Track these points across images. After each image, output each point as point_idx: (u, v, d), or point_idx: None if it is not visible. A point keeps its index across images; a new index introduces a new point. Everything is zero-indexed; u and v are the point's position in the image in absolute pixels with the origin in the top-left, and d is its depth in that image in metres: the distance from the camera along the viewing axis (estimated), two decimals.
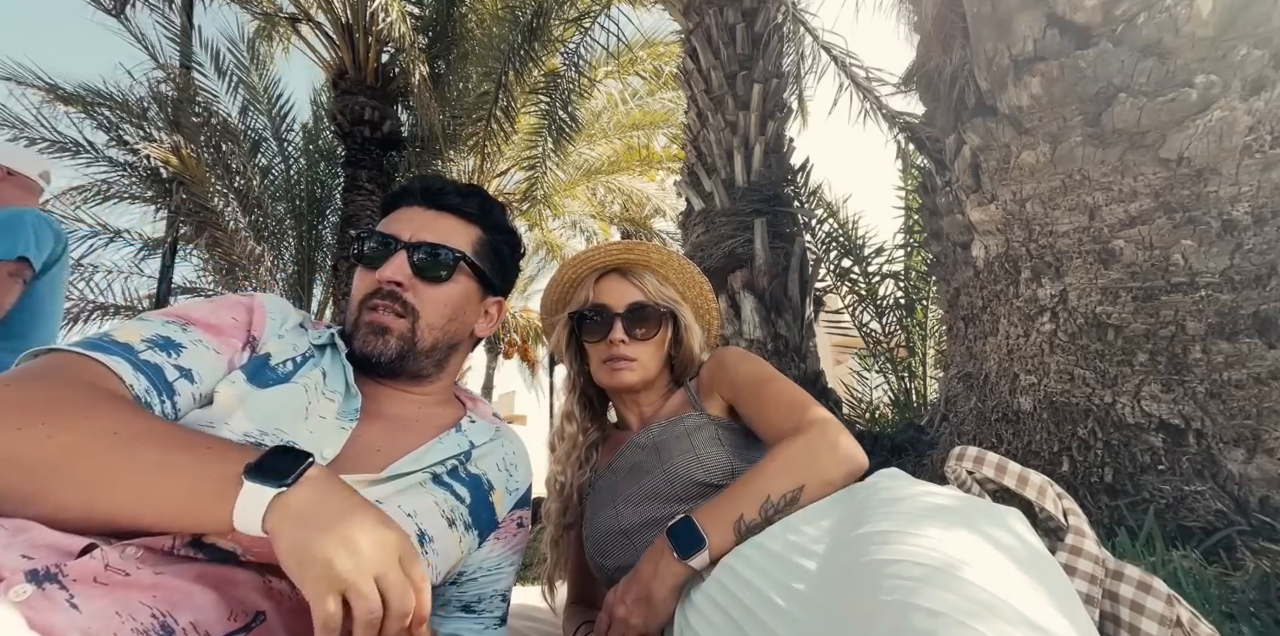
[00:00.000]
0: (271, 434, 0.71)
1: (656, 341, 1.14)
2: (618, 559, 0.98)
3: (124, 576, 0.56)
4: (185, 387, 0.70)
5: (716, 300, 1.28)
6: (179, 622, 0.57)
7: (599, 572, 1.05)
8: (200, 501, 0.57)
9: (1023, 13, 2.31)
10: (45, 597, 0.52)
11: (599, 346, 1.13)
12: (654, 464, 1.02)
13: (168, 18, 6.52)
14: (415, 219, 0.91)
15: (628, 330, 1.11)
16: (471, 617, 0.90)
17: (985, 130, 2.43)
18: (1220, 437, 1.76)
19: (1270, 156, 1.83)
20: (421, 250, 0.88)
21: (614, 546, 1.00)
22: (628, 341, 1.10)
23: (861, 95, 5.90)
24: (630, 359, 1.10)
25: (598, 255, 1.17)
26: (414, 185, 0.95)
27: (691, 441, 1.01)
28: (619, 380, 1.11)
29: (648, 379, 1.13)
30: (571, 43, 6.98)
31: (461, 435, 0.89)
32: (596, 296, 1.14)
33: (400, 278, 0.86)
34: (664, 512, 0.95)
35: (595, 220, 12.58)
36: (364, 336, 0.86)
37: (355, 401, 0.82)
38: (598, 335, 1.12)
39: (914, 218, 4.61)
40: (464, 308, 0.93)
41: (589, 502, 1.10)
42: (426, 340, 0.89)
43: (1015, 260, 2.36)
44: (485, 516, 0.88)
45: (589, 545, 1.05)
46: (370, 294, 0.87)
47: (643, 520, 0.98)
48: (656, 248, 1.18)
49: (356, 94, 7.15)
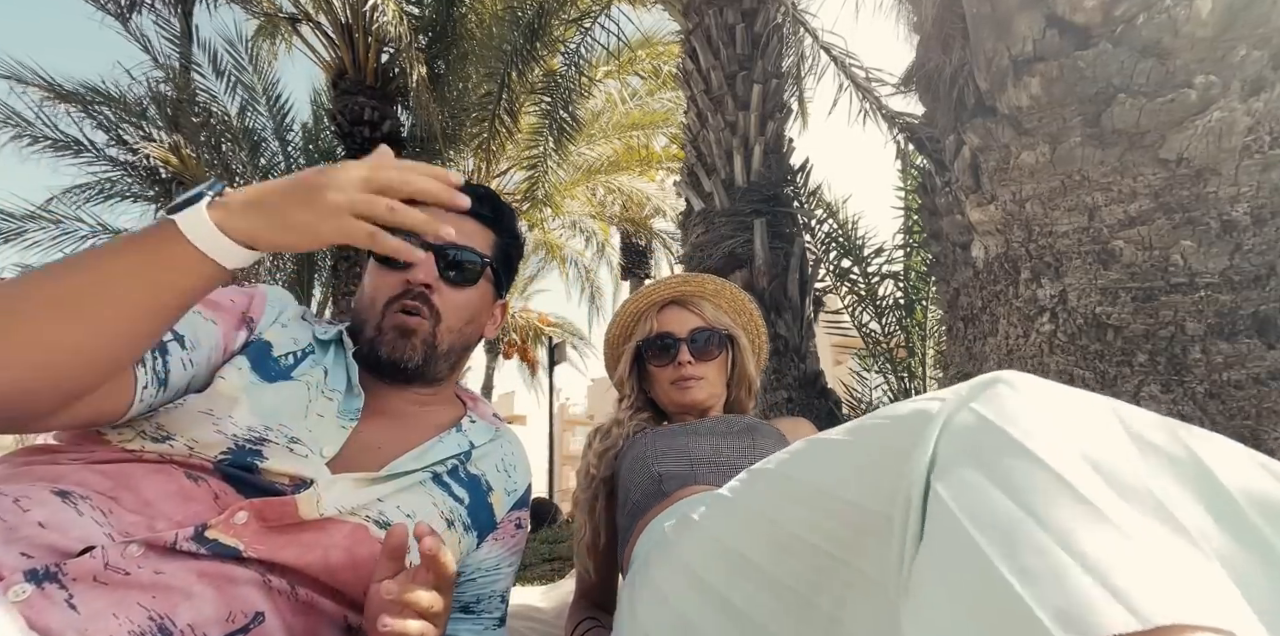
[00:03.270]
0: (275, 429, 0.71)
1: (720, 361, 1.24)
2: (668, 471, 1.03)
3: (123, 575, 0.56)
4: (176, 350, 0.69)
5: (766, 326, 1.38)
6: (177, 624, 0.57)
7: (636, 481, 1.07)
8: (159, 255, 0.56)
9: (1022, 13, 2.31)
10: (44, 597, 0.52)
11: (667, 370, 1.22)
12: (744, 436, 1.12)
13: (167, 18, 6.52)
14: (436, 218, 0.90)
15: (693, 352, 1.20)
16: (470, 618, 0.90)
17: (985, 130, 2.43)
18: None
19: (1270, 157, 1.83)
20: (450, 253, 0.87)
21: (673, 463, 1.05)
22: (694, 362, 1.20)
23: (861, 95, 5.90)
24: (699, 377, 1.20)
25: (659, 289, 1.28)
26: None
27: (781, 445, 1.10)
28: (690, 397, 1.20)
29: (714, 394, 1.23)
30: (572, 42, 6.97)
31: (462, 435, 0.89)
32: (660, 326, 1.24)
33: (430, 280, 0.85)
34: (736, 465, 1.02)
35: (595, 220, 12.58)
36: (391, 341, 0.84)
37: (357, 401, 0.81)
38: (665, 359, 1.22)
39: (914, 218, 4.61)
40: (481, 311, 0.93)
41: (642, 435, 1.16)
42: (445, 343, 0.88)
43: (1015, 260, 2.36)
44: (484, 517, 0.88)
45: (645, 454, 1.08)
46: (399, 295, 0.85)
47: (713, 459, 1.05)
48: (711, 279, 1.29)
49: (356, 94, 7.15)
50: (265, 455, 0.69)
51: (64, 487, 0.60)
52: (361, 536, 0.71)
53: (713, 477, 1.00)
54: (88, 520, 0.59)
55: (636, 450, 1.12)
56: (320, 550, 0.68)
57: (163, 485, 0.64)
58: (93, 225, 6.81)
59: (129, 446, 0.66)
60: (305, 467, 0.70)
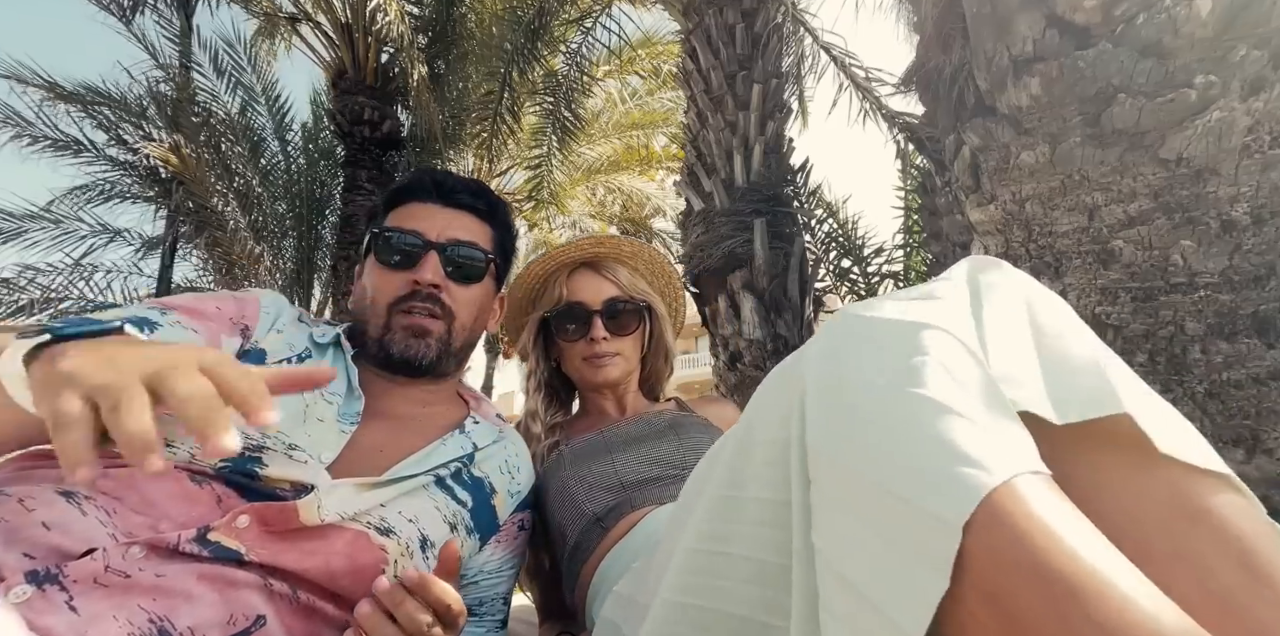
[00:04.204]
0: (273, 437, 0.71)
1: (635, 335, 1.14)
2: (603, 506, 0.96)
3: (124, 578, 0.56)
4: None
5: (683, 286, 1.29)
6: (177, 627, 0.57)
7: (569, 521, 0.98)
8: None
9: (1022, 13, 2.31)
10: (45, 599, 0.52)
11: (578, 344, 1.11)
12: (669, 436, 1.04)
13: (167, 18, 6.51)
14: (435, 216, 0.88)
15: (608, 327, 1.10)
16: (473, 621, 0.89)
17: (985, 130, 2.43)
18: (1219, 438, 1.76)
19: (1270, 157, 1.83)
20: (453, 251, 0.86)
21: (605, 495, 0.97)
22: (609, 338, 1.10)
23: (861, 95, 5.90)
24: (614, 353, 1.10)
25: (567, 250, 1.15)
26: (423, 179, 0.91)
27: (711, 436, 1.05)
28: (604, 376, 1.10)
29: (629, 371, 1.14)
30: (573, 42, 6.97)
31: (465, 437, 0.88)
32: (571, 294, 1.12)
33: (439, 280, 0.85)
34: (669, 475, 0.97)
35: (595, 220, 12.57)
36: (404, 340, 0.84)
37: (357, 403, 0.81)
38: (577, 333, 1.11)
39: (914, 218, 4.61)
40: (487, 306, 0.94)
41: (560, 457, 1.06)
42: (459, 340, 0.89)
43: (1015, 260, 2.36)
44: (486, 520, 0.87)
45: (570, 489, 1.00)
46: (405, 296, 0.85)
47: (645, 477, 0.98)
48: (627, 240, 1.17)
49: (356, 94, 7.14)
50: (265, 462, 0.69)
51: (68, 488, 0.60)
52: (363, 543, 0.71)
53: (647, 497, 0.94)
54: (92, 520, 0.59)
55: (558, 482, 1.01)
56: (321, 556, 0.68)
57: (166, 487, 0.64)
58: (93, 225, 6.81)
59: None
60: (305, 473, 0.70)
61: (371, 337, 0.85)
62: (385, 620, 0.57)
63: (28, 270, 6.40)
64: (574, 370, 1.14)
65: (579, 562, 0.95)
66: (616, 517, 0.93)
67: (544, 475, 1.04)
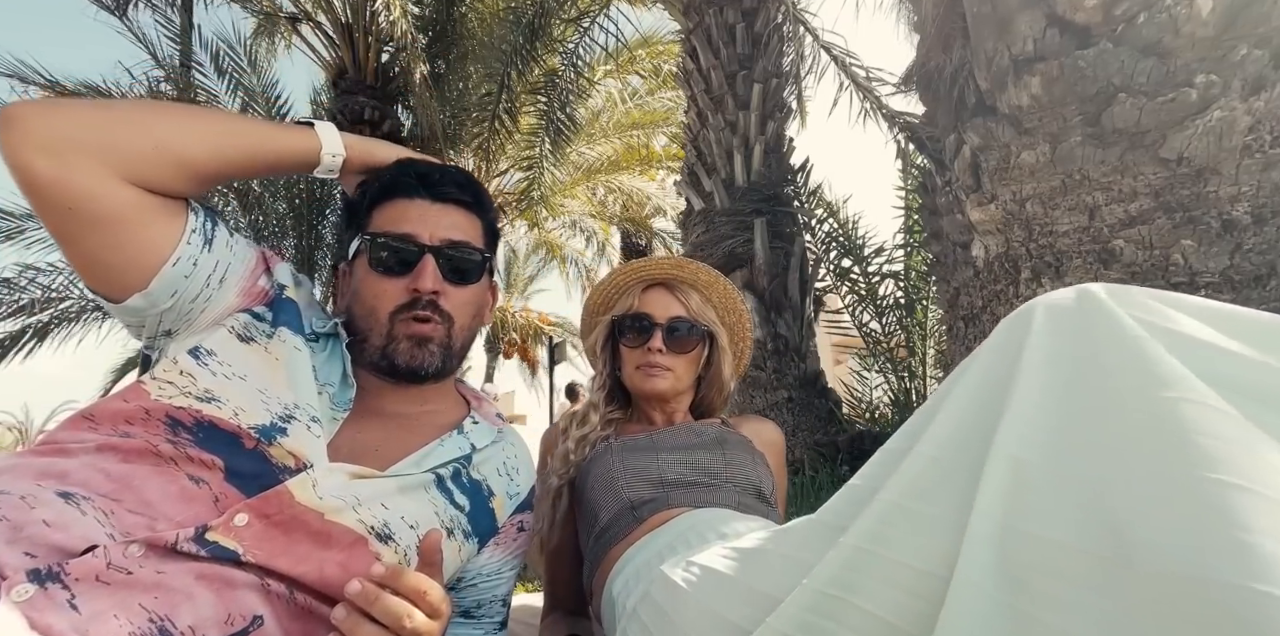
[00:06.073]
0: (303, 406, 0.73)
1: (692, 357, 1.18)
2: (640, 496, 1.00)
3: (125, 575, 0.57)
4: (224, 228, 0.79)
5: (753, 330, 1.32)
6: (177, 626, 0.57)
7: (604, 503, 1.04)
8: (287, 131, 0.82)
9: (1023, 13, 2.31)
10: (47, 597, 0.53)
11: (636, 352, 1.16)
12: (714, 448, 1.09)
13: (167, 17, 6.51)
14: (426, 216, 0.86)
15: (667, 341, 1.14)
16: (471, 623, 0.89)
17: (985, 130, 2.43)
18: None
19: (1270, 156, 1.83)
20: (448, 253, 0.85)
21: (644, 487, 1.02)
22: (665, 352, 1.14)
23: (861, 95, 5.91)
24: (666, 368, 1.14)
25: (648, 267, 1.21)
26: (406, 173, 0.88)
27: (753, 456, 1.10)
28: (652, 385, 1.15)
29: (678, 389, 1.18)
30: (571, 42, 6.97)
31: (463, 437, 0.88)
32: (641, 305, 1.18)
33: (438, 286, 0.83)
34: (706, 483, 1.01)
35: (595, 220, 12.57)
36: (409, 350, 0.83)
37: (350, 391, 0.80)
38: (637, 341, 1.16)
39: (914, 218, 4.61)
40: (484, 302, 0.93)
41: (609, 447, 1.12)
42: (459, 342, 0.88)
43: (1015, 260, 2.36)
44: (485, 523, 0.87)
45: (614, 473, 1.05)
46: (406, 304, 0.83)
47: (685, 480, 1.02)
48: (707, 269, 1.21)
49: (356, 93, 7.15)
50: (289, 432, 0.70)
51: (67, 489, 0.61)
52: (360, 551, 0.70)
53: (684, 498, 0.98)
54: (90, 520, 0.59)
55: (603, 466, 1.07)
56: (315, 562, 0.67)
57: (164, 486, 0.64)
58: None
59: (175, 403, 0.68)
60: (314, 449, 0.71)
61: (374, 346, 0.84)
62: (362, 619, 0.57)
63: (28, 270, 6.41)
64: (628, 376, 1.19)
65: (606, 544, 0.99)
66: (652, 511, 0.97)
67: (589, 460, 1.12)
